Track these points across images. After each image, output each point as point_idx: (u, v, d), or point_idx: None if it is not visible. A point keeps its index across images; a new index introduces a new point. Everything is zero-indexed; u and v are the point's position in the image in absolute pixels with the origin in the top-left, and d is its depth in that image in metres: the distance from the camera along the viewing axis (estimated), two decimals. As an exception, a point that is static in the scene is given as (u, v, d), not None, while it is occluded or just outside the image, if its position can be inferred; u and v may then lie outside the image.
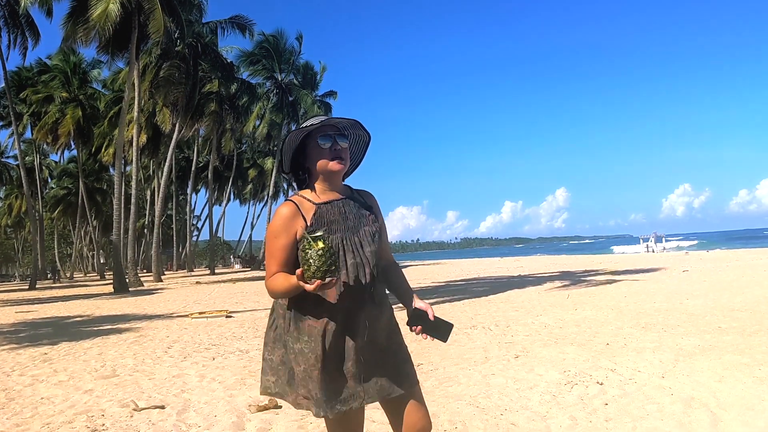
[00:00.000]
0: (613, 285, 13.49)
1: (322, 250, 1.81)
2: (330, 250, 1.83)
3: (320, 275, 1.80)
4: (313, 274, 1.81)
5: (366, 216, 2.11)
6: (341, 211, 2.06)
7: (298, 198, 2.08)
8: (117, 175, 26.84)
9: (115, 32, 23.92)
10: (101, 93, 41.69)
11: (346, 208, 2.08)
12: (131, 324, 10.63)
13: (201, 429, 3.89)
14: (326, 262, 1.80)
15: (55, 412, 4.52)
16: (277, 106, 38.42)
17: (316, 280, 1.80)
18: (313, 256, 1.81)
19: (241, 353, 6.79)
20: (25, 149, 45.47)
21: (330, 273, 1.81)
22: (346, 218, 2.05)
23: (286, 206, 2.03)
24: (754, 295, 9.78)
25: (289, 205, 2.03)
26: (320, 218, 2.02)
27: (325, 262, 1.80)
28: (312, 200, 2.06)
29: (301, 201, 2.06)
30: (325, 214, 2.03)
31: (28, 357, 7.32)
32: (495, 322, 8.35)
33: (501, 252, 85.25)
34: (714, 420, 3.54)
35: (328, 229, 2.00)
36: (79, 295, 21.57)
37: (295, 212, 2.02)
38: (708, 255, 29.48)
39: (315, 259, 1.80)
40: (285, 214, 2.01)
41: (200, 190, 59.52)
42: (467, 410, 4.00)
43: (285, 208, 2.03)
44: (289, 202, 2.05)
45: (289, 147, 2.09)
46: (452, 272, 25.53)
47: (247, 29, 32.10)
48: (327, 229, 2.00)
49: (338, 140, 2.06)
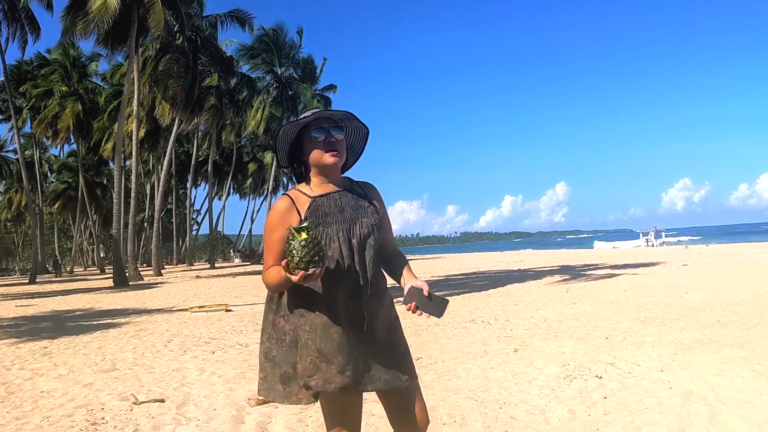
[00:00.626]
0: (612, 279, 13.51)
1: (305, 241, 1.82)
2: (313, 241, 1.83)
3: (303, 266, 1.81)
4: (297, 265, 1.82)
5: (365, 207, 2.10)
6: (337, 203, 2.06)
7: (295, 192, 2.09)
8: (117, 169, 26.84)
9: (115, 25, 23.84)
10: (101, 87, 41.59)
11: (342, 201, 2.07)
12: (131, 318, 10.64)
13: (200, 422, 3.90)
14: (309, 253, 1.81)
15: (55, 405, 4.53)
16: (276, 100, 38.35)
17: (300, 270, 1.82)
18: (296, 246, 1.82)
19: (241, 347, 6.80)
20: (25, 143, 45.50)
21: (314, 263, 1.82)
22: (342, 210, 2.05)
23: (282, 200, 2.05)
24: (753, 289, 9.80)
25: (284, 199, 2.05)
26: (315, 211, 2.02)
27: (308, 252, 1.81)
28: (307, 194, 2.07)
29: (297, 195, 2.07)
30: (321, 207, 2.03)
31: (28, 351, 7.33)
32: (494, 316, 8.36)
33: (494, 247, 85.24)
34: (712, 413, 3.55)
35: (324, 222, 2.01)
36: (79, 290, 21.58)
37: (290, 206, 2.03)
38: (707, 249, 29.51)
39: (298, 249, 1.81)
40: (280, 208, 2.03)
41: (200, 184, 59.49)
42: (466, 404, 4.01)
43: (281, 202, 2.05)
44: (285, 196, 2.07)
45: (285, 141, 2.09)
46: (452, 266, 25.55)
47: (246, 23, 32.01)
48: (322, 222, 2.00)
49: (333, 132, 2.05)
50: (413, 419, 2.09)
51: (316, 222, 2.00)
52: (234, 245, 73.60)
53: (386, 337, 2.09)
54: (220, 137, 42.14)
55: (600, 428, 3.42)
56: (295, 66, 39.49)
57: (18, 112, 36.99)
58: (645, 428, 3.38)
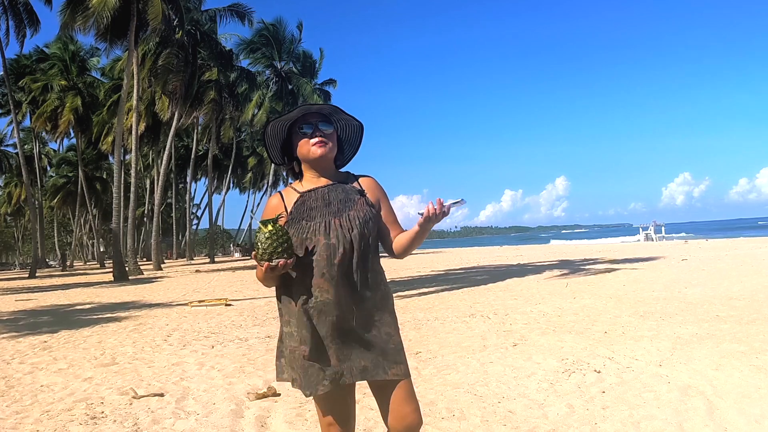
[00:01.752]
0: (611, 274, 13.51)
1: (269, 233, 1.90)
2: (278, 233, 1.91)
3: (267, 257, 1.90)
4: (261, 256, 1.91)
5: (354, 200, 2.10)
6: (324, 197, 2.09)
7: (287, 189, 2.16)
8: (116, 163, 26.77)
9: (114, 20, 23.78)
10: (100, 81, 41.49)
11: (330, 194, 2.09)
12: (131, 312, 10.65)
13: (200, 417, 3.90)
14: (272, 245, 1.89)
15: (55, 399, 4.54)
16: (276, 94, 38.26)
17: (264, 261, 1.90)
18: (261, 238, 1.91)
19: (240, 341, 6.81)
20: (24, 137, 45.39)
21: (277, 254, 1.89)
22: (328, 203, 2.08)
23: (274, 197, 2.16)
24: (753, 284, 9.81)
25: (275, 197, 2.16)
26: (301, 206, 2.08)
27: (271, 244, 1.89)
28: (297, 189, 2.13)
29: (287, 192, 2.14)
30: (306, 201, 2.09)
31: (28, 345, 7.34)
32: (493, 310, 8.36)
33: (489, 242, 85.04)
34: (710, 408, 3.55)
35: (307, 216, 2.05)
36: (78, 284, 21.61)
37: (279, 202, 2.12)
38: (707, 244, 29.52)
39: (262, 241, 1.90)
40: (270, 205, 2.13)
41: (200, 178, 59.42)
42: (465, 398, 4.01)
43: (272, 199, 2.16)
44: (277, 193, 2.16)
45: (275, 138, 2.14)
46: (451, 261, 25.56)
47: (246, 17, 31.87)
48: (306, 216, 2.05)
49: (320, 126, 2.08)
50: (405, 417, 2.04)
51: (300, 216, 2.05)
52: (234, 240, 73.62)
53: (374, 330, 2.06)
54: (220, 131, 42.04)
55: (598, 422, 3.43)
56: (295, 60, 39.40)
57: (17, 106, 36.93)
58: (643, 422, 3.38)
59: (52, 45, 39.73)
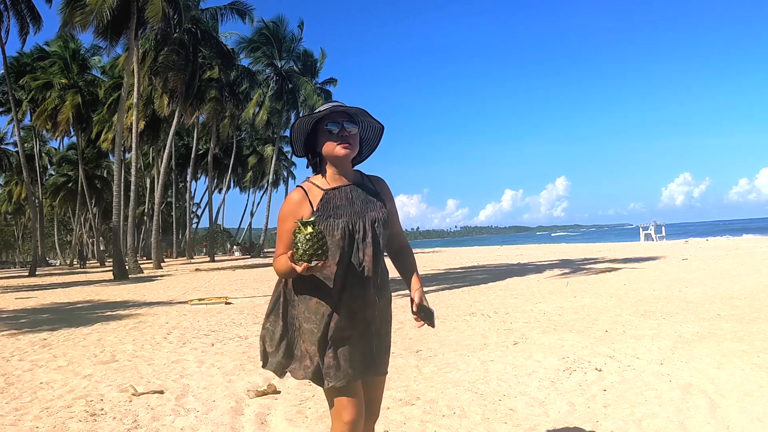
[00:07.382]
0: (612, 273, 13.50)
1: (310, 235, 1.90)
2: (317, 236, 1.92)
3: (306, 258, 1.90)
4: (300, 257, 1.91)
5: (374, 202, 2.17)
6: (348, 196, 2.13)
7: (308, 184, 2.16)
8: (117, 162, 26.77)
9: (113, 17, 23.77)
10: (100, 79, 41.44)
11: (353, 194, 2.14)
12: (131, 310, 10.65)
13: (200, 414, 3.89)
14: (312, 246, 1.90)
15: (54, 396, 4.53)
16: (277, 93, 38.24)
17: (303, 262, 1.90)
18: (300, 239, 1.91)
19: (240, 339, 6.80)
20: (25, 136, 45.36)
21: (316, 257, 1.90)
22: (352, 203, 2.12)
23: (296, 192, 2.13)
24: (753, 283, 9.79)
25: (298, 191, 2.14)
26: (327, 203, 2.10)
27: (311, 246, 1.90)
28: (321, 186, 2.14)
29: (310, 187, 2.14)
30: (332, 199, 2.11)
31: (28, 342, 7.33)
32: (494, 309, 8.35)
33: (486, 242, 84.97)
34: (712, 406, 3.54)
35: (334, 214, 2.08)
36: (78, 282, 21.60)
37: (303, 198, 2.11)
38: (707, 243, 29.51)
39: (302, 242, 1.90)
40: (293, 200, 2.11)
41: (200, 177, 59.37)
42: (466, 396, 4.00)
43: (294, 193, 2.14)
44: (299, 188, 2.15)
45: (301, 132, 2.16)
46: (452, 260, 25.55)
47: (246, 15, 31.85)
48: (333, 214, 2.08)
49: (346, 126, 2.11)
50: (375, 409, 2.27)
51: (327, 214, 2.08)
52: (234, 238, 73.60)
53: (382, 328, 2.20)
54: (220, 130, 42.01)
55: (599, 420, 3.42)
56: (296, 59, 39.38)
57: (18, 104, 36.89)
58: (644, 421, 3.37)
59: (53, 43, 39.70)
